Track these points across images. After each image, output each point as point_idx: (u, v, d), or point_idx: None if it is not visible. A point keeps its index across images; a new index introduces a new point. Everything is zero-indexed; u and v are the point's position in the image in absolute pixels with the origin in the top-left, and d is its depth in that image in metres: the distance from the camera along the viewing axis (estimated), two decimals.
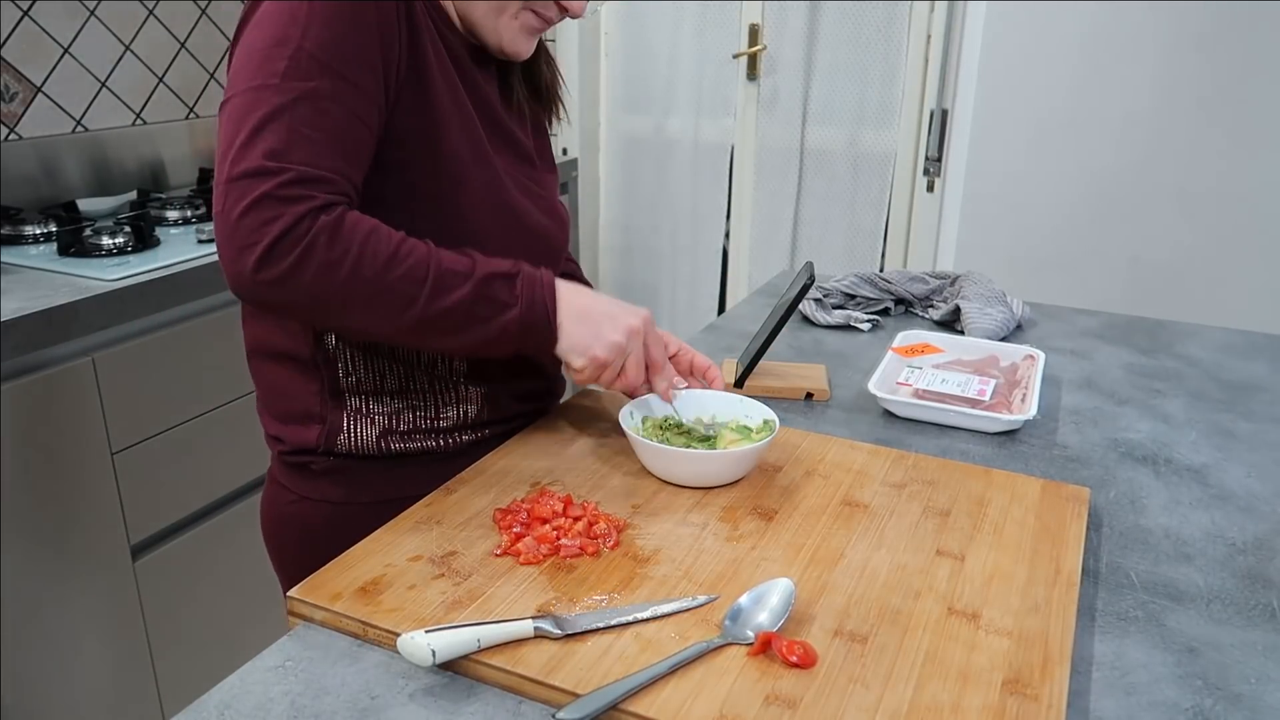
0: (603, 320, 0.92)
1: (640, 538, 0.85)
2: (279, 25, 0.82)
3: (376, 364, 0.98)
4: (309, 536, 1.03)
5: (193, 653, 1.78)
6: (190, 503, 1.73)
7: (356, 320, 0.84)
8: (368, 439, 0.99)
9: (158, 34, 2.21)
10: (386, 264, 0.82)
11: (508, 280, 0.88)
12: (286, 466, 1.03)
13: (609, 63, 3.09)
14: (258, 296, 0.82)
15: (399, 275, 0.83)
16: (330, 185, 0.82)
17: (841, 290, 1.54)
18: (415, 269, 0.84)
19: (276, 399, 1.02)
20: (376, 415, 0.99)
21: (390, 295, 0.83)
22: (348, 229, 0.81)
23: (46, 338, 1.45)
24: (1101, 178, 2.44)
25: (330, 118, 0.83)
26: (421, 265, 0.84)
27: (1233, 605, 0.81)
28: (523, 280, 0.89)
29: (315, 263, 0.80)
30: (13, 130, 1.94)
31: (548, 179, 1.11)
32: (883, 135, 2.76)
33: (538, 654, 0.69)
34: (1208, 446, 1.11)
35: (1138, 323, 1.54)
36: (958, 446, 1.09)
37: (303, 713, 0.66)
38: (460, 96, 0.95)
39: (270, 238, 0.79)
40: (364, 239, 0.82)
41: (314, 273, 0.80)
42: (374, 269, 0.82)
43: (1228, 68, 2.25)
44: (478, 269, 0.87)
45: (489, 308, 0.87)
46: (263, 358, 1.02)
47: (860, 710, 0.65)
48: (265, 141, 0.80)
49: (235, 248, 0.80)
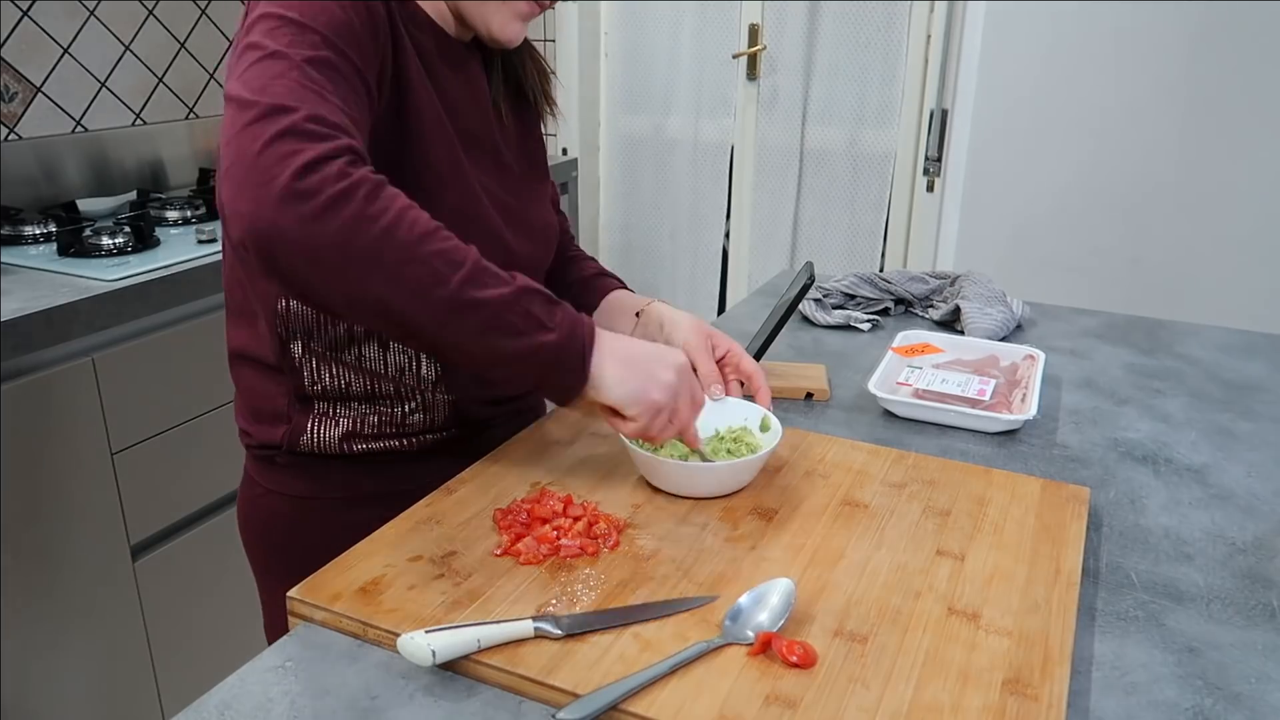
0: (651, 363, 0.86)
1: (640, 538, 0.85)
2: (283, 16, 0.79)
3: (340, 373, 0.97)
4: (276, 529, 1.04)
5: (193, 653, 1.78)
6: (190, 503, 1.73)
7: (377, 287, 0.74)
8: (330, 440, 0.99)
9: (158, 34, 2.21)
10: (425, 236, 0.76)
11: (549, 303, 0.82)
12: (255, 460, 1.05)
13: (609, 63, 3.09)
14: (276, 236, 0.72)
15: (435, 250, 0.76)
16: (352, 136, 0.76)
17: (841, 290, 1.54)
18: (454, 252, 0.77)
19: (248, 397, 1.03)
20: (341, 418, 0.99)
21: (423, 268, 0.75)
22: (389, 191, 0.75)
23: (46, 338, 1.45)
24: (1102, 177, 2.44)
25: (339, 83, 0.78)
26: (461, 251, 0.78)
27: (1233, 605, 0.81)
28: (565, 310, 0.83)
29: (350, 211, 0.72)
30: (13, 130, 1.94)
31: (536, 188, 1.07)
32: (883, 135, 2.75)
33: (538, 654, 0.69)
34: (1208, 446, 1.11)
35: (1138, 323, 1.54)
36: (958, 446, 1.09)
37: (303, 713, 0.66)
38: (435, 103, 0.92)
39: (297, 166, 0.71)
40: (405, 206, 0.76)
41: (347, 219, 0.72)
42: (412, 236, 0.75)
43: (1228, 67, 2.25)
44: (519, 280, 0.81)
45: (524, 320, 0.79)
46: (237, 358, 1.02)
47: (860, 710, 0.65)
48: (277, 93, 0.74)
49: (256, 184, 0.71)
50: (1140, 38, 2.31)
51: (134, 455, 1.61)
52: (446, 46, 0.95)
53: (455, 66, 0.96)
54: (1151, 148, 2.37)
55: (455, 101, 0.95)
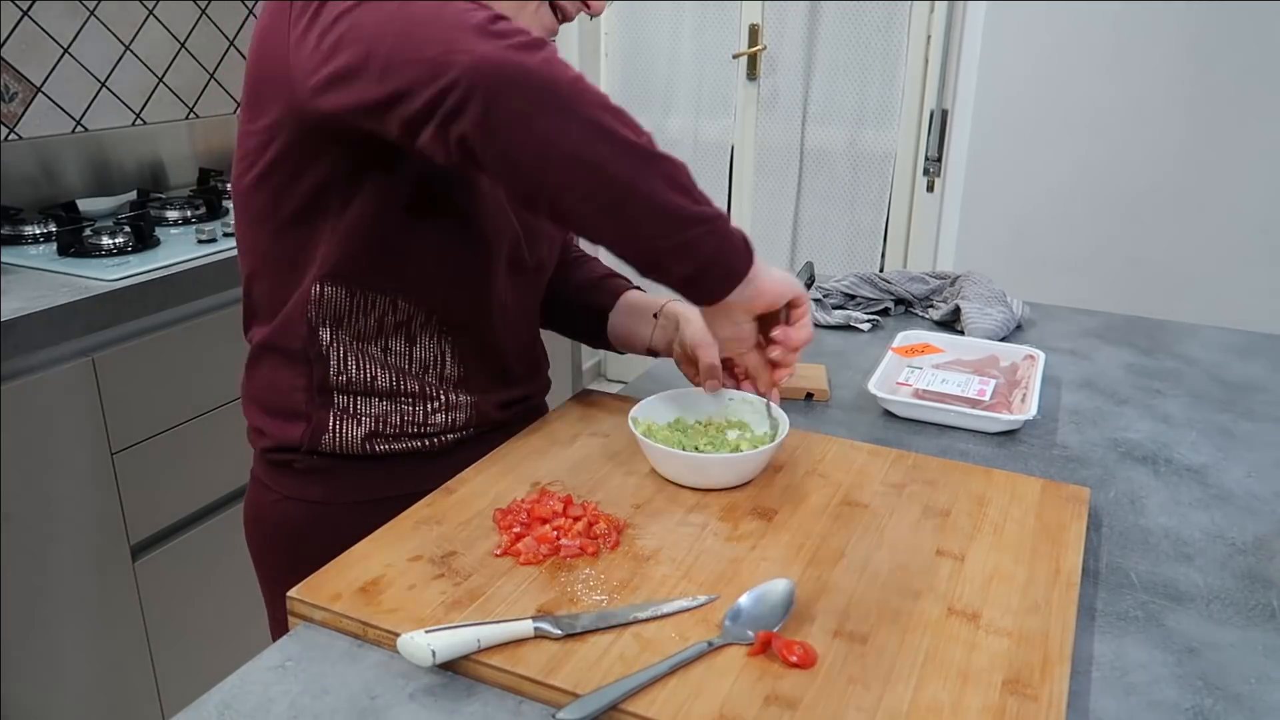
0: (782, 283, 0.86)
1: (640, 538, 0.85)
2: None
3: (368, 366, 0.97)
4: (290, 536, 1.03)
5: (193, 653, 1.78)
6: (190, 503, 1.73)
7: (577, 130, 0.72)
8: (353, 440, 0.98)
9: (158, 34, 2.21)
10: (615, 110, 0.75)
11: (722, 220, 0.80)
12: (269, 464, 1.03)
13: (609, 63, 3.09)
14: (511, 70, 0.70)
15: (616, 108, 0.75)
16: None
17: (841, 290, 1.54)
18: (639, 129, 0.76)
19: (267, 393, 1.01)
20: (363, 416, 0.98)
21: (616, 118, 0.75)
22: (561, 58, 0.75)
23: (46, 338, 1.45)
24: (1102, 177, 2.44)
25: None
26: (677, 164, 0.77)
27: (1233, 605, 0.81)
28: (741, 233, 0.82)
29: (544, 55, 0.71)
30: (13, 130, 1.94)
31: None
32: (883, 135, 2.76)
33: (538, 654, 0.69)
34: (1208, 446, 1.11)
35: (1138, 323, 1.54)
36: (958, 446, 1.09)
37: (303, 713, 0.66)
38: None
39: (488, 14, 0.72)
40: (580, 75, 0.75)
41: (549, 57, 0.72)
42: (595, 90, 0.74)
43: (1228, 67, 2.25)
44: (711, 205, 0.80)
45: (699, 194, 0.79)
46: (259, 352, 1.01)
47: (860, 710, 0.65)
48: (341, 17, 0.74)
49: (456, 27, 0.71)
50: (1140, 38, 2.31)
51: (134, 455, 1.61)
52: None
53: None
54: (1152, 147, 2.37)
55: None
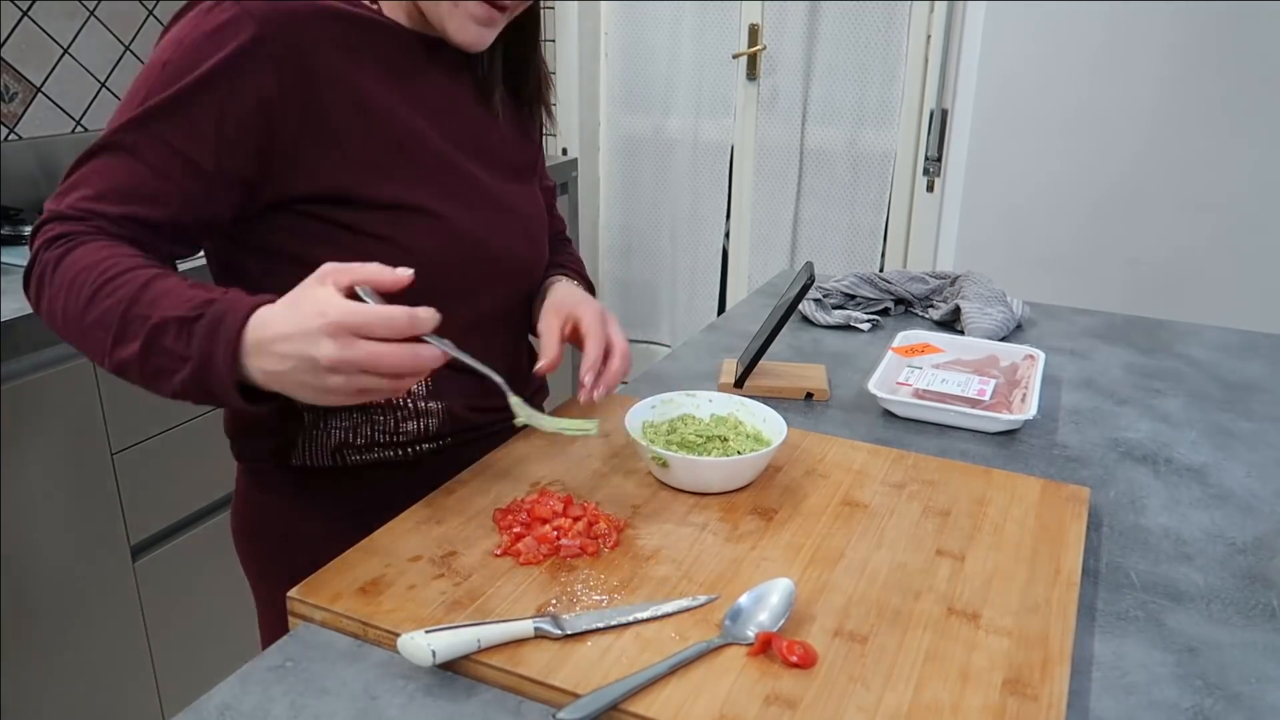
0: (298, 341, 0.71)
1: (640, 538, 0.85)
2: (147, 71, 0.83)
3: None
4: (269, 540, 1.03)
5: (192, 653, 1.78)
6: (190, 503, 1.73)
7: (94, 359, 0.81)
8: (322, 452, 0.97)
9: (157, 34, 2.20)
10: (86, 305, 0.77)
11: (183, 326, 0.74)
12: (247, 472, 1.03)
13: (609, 63, 3.09)
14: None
15: (93, 320, 0.77)
16: (82, 221, 0.81)
17: (841, 290, 1.54)
18: (108, 313, 0.76)
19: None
20: (333, 429, 0.96)
21: (88, 340, 0.78)
22: (67, 265, 0.79)
23: (46, 338, 1.45)
24: (1101, 177, 2.44)
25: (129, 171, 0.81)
26: (116, 309, 0.76)
27: (1232, 605, 0.81)
28: (203, 324, 0.73)
29: (44, 300, 0.81)
30: (12, 130, 1.94)
31: (526, 187, 1.05)
32: (882, 135, 2.76)
33: (538, 654, 0.69)
34: (1208, 446, 1.11)
35: (1138, 323, 1.54)
36: (958, 446, 1.09)
37: (303, 713, 0.66)
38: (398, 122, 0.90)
39: (25, 270, 0.84)
40: (75, 276, 0.78)
41: (44, 310, 0.82)
42: (76, 309, 0.78)
43: (1227, 67, 2.25)
44: (157, 313, 0.74)
45: (167, 359, 0.75)
46: None
47: (860, 710, 0.65)
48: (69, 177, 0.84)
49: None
50: (1140, 38, 2.31)
51: (134, 455, 1.61)
52: (420, 46, 0.93)
53: (433, 64, 0.94)
54: (1151, 147, 2.37)
55: (436, 100, 0.94)
